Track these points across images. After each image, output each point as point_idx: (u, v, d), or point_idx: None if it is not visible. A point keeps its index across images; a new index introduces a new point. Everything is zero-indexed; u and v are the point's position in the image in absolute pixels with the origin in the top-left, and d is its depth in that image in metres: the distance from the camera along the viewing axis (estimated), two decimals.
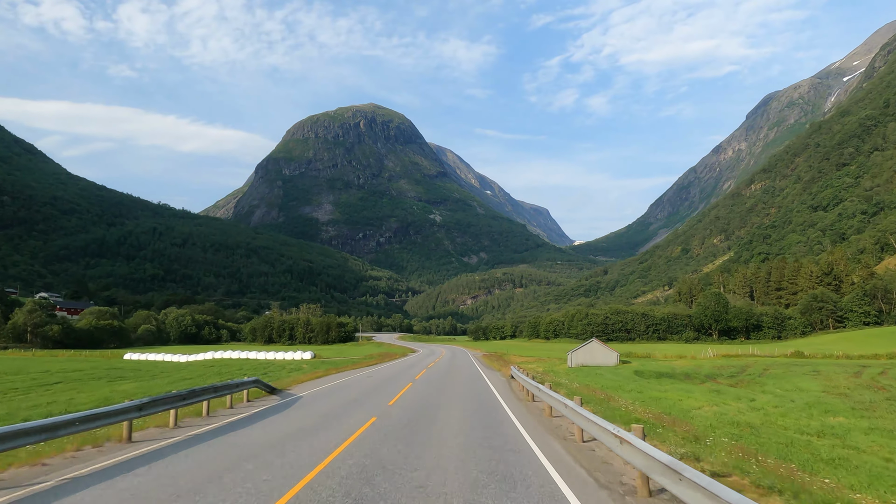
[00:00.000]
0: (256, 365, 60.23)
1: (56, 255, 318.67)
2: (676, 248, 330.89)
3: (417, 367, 46.39)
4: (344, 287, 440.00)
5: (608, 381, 35.01)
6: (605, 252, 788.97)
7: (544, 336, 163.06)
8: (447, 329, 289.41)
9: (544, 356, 68.26)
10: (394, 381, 30.59)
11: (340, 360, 63.07)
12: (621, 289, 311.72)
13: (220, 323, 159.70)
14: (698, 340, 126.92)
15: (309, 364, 56.18)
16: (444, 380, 31.95)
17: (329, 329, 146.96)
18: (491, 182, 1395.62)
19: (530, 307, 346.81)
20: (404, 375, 35.90)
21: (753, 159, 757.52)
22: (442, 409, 18.56)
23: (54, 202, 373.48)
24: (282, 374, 40.53)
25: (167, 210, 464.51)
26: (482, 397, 22.88)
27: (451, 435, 13.69)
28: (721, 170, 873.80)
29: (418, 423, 15.47)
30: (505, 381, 31.53)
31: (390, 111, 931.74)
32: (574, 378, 34.36)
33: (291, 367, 50.59)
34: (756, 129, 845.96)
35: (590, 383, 31.14)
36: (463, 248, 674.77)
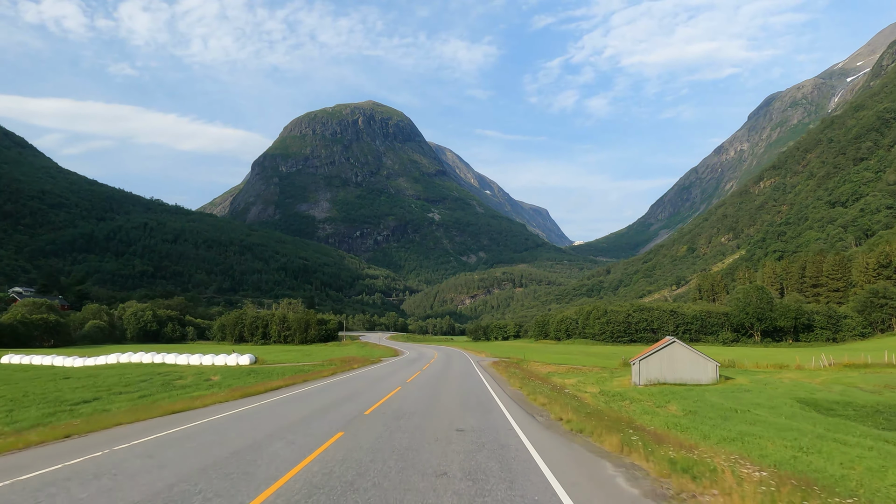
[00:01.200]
0: (153, 372, 45.45)
1: (42, 250, 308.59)
2: (682, 247, 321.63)
3: (388, 382, 33.35)
4: (340, 285, 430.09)
5: (789, 435, 19.09)
6: (605, 252, 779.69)
7: (554, 336, 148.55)
8: (445, 329, 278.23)
9: (574, 363, 53.04)
10: (314, 423, 17.55)
11: (284, 367, 49.87)
12: (625, 288, 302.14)
13: (187, 319, 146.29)
14: (738, 342, 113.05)
15: (234, 375, 42.05)
16: (423, 423, 17.74)
17: (308, 326, 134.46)
18: (490, 182, 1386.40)
19: (531, 307, 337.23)
20: (349, 406, 21.78)
21: (756, 159, 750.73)
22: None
23: (42, 196, 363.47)
24: (154, 393, 29.62)
25: (160, 206, 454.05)
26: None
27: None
28: (723, 170, 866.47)
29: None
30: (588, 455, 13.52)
31: (389, 108, 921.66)
32: (713, 427, 19.89)
33: (190, 384, 36.39)
34: (758, 129, 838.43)
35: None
36: (462, 247, 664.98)
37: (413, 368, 45.81)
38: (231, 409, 21.02)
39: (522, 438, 15.23)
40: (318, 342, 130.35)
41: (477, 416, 19.56)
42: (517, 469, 11.58)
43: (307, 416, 18.99)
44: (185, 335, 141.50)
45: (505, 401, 24.54)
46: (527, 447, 13.96)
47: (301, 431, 15.88)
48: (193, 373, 45.22)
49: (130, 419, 18.34)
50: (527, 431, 16.46)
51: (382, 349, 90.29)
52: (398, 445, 13.88)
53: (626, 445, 13.46)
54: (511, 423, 17.90)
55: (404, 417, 18.82)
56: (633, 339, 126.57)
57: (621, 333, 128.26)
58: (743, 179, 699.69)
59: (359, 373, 41.78)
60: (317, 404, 22.62)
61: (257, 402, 23.61)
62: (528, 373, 37.80)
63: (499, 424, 17.69)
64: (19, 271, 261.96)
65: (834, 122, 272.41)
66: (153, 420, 18.48)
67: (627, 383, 37.08)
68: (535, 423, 18.36)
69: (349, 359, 56.65)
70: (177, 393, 29.20)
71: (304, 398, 24.97)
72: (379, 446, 13.72)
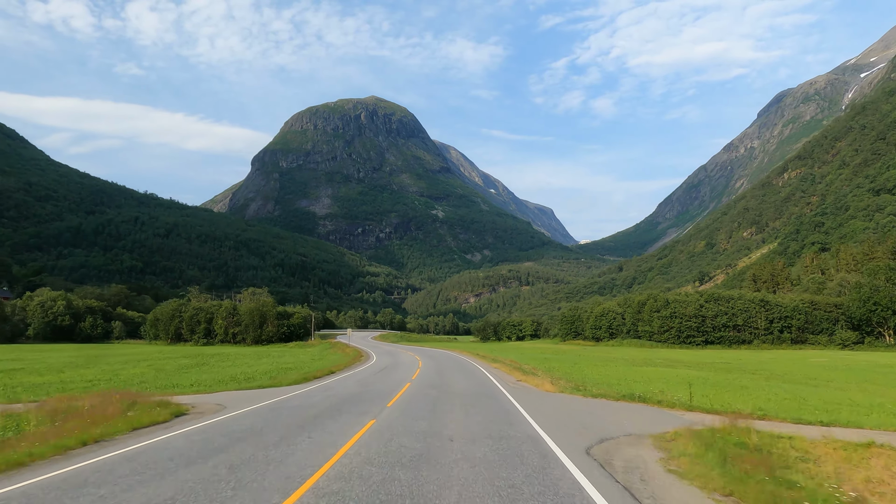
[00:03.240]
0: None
1: (25, 244, 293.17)
2: (700, 242, 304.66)
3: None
4: (339, 283, 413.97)
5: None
6: (612, 251, 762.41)
7: (592, 336, 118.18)
8: (448, 328, 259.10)
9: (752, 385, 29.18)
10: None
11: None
12: (639, 286, 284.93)
13: (116, 312, 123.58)
14: (862, 344, 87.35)
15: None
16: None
17: (263, 321, 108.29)
18: (495, 180, 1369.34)
19: (539, 305, 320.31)
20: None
21: (767, 156, 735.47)
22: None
23: (28, 188, 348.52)
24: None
25: (153, 200, 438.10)
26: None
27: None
28: (733, 168, 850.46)
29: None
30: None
31: (392, 104, 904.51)
32: None
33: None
34: (769, 126, 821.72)
35: None
36: (466, 244, 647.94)
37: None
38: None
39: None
40: (277, 342, 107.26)
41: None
42: None
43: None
44: (110, 332, 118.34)
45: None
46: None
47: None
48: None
49: None
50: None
51: (340, 355, 60.61)
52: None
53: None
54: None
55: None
56: (710, 339, 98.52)
57: (693, 332, 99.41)
58: (755, 176, 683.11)
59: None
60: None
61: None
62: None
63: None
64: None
65: (866, 108, 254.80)
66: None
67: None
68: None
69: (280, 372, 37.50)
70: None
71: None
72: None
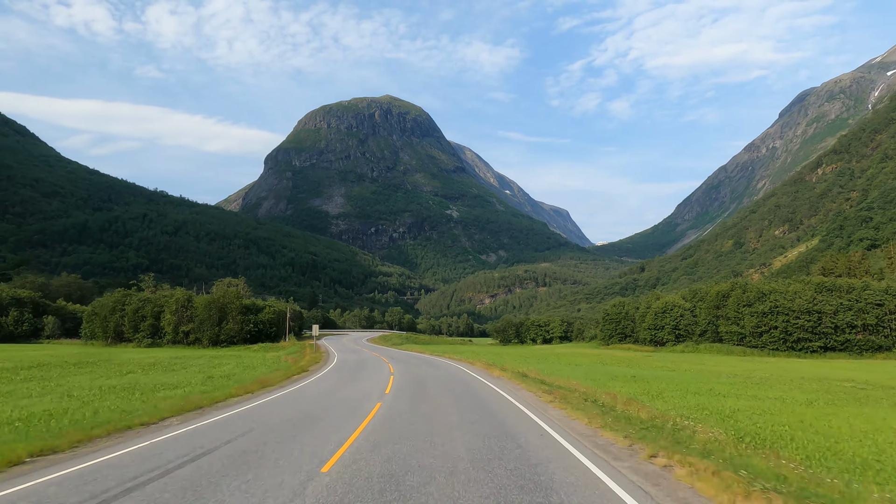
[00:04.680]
0: None
1: (29, 241, 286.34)
2: (727, 241, 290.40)
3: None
4: (350, 282, 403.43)
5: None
6: (630, 253, 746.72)
7: (649, 339, 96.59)
8: (462, 329, 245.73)
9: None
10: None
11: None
12: (664, 286, 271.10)
13: (55, 306, 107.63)
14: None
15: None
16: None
17: (223, 316, 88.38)
18: (510, 181, 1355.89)
19: (557, 307, 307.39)
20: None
21: (790, 156, 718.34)
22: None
23: (36, 184, 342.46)
24: None
25: (163, 197, 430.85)
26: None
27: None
28: (754, 168, 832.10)
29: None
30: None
31: (407, 103, 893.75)
32: None
33: None
34: (792, 125, 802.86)
35: None
36: (481, 245, 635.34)
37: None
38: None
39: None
40: (241, 342, 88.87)
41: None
42: None
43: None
44: (40, 329, 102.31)
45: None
46: None
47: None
48: None
49: None
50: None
51: (295, 368, 41.76)
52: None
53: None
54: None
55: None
56: (830, 344, 75.02)
57: (806, 334, 75.64)
58: (777, 176, 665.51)
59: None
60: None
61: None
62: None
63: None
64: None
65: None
66: None
67: None
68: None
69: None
70: None
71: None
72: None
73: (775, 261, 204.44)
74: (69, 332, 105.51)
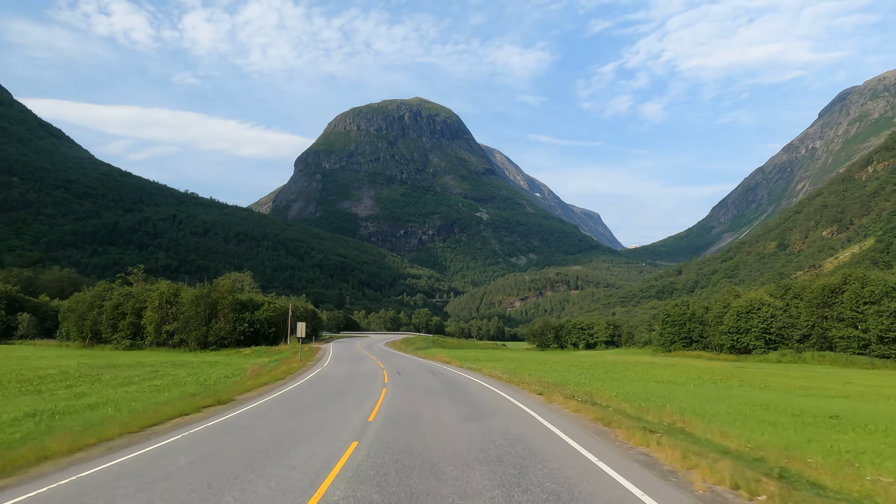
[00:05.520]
0: None
1: (60, 242, 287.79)
2: (769, 243, 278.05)
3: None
4: (379, 285, 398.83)
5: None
6: (663, 256, 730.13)
7: (728, 346, 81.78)
8: (493, 332, 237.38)
9: None
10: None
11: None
12: (703, 290, 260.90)
13: (37, 302, 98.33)
14: None
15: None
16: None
17: (212, 314, 75.94)
18: (540, 184, 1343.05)
19: (590, 310, 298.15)
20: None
21: (831, 156, 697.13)
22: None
23: (68, 185, 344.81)
24: None
25: (193, 199, 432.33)
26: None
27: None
28: (793, 169, 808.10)
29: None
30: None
31: (436, 105, 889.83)
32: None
33: None
34: (833, 125, 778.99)
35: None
36: (511, 247, 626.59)
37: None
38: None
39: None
40: (234, 344, 76.13)
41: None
42: None
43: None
44: (13, 328, 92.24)
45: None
46: None
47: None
48: None
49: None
50: None
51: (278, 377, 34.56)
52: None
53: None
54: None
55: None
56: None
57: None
58: (818, 177, 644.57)
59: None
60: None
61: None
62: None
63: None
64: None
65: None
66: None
67: None
68: None
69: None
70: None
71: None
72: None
73: (826, 262, 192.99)
74: (48, 332, 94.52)
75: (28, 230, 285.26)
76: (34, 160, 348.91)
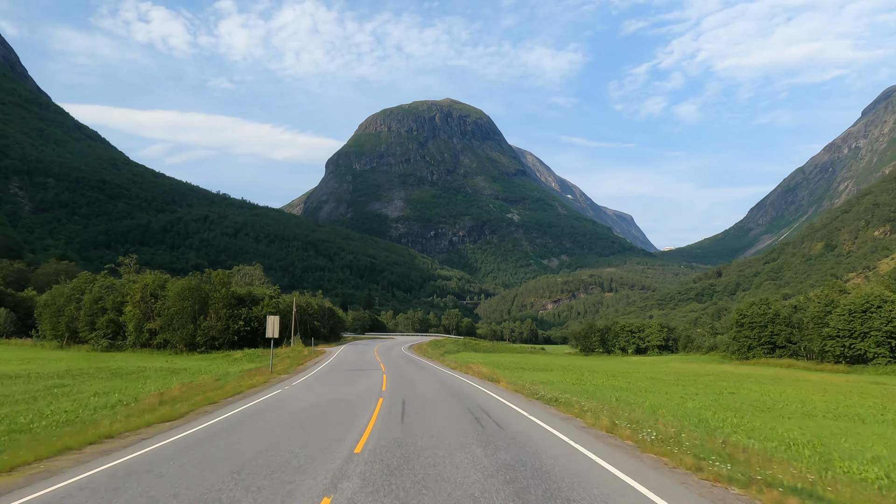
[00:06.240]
0: None
1: (93, 242, 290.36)
2: (815, 244, 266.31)
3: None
4: (409, 286, 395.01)
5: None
6: (699, 259, 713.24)
7: (837, 355, 69.10)
8: (526, 335, 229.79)
9: None
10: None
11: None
12: (745, 292, 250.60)
13: (20, 296, 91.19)
14: None
15: None
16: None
17: (203, 310, 66.69)
18: (572, 186, 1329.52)
19: (626, 313, 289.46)
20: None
21: (876, 156, 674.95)
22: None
23: (102, 186, 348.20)
24: None
25: (225, 199, 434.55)
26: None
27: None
28: (835, 169, 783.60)
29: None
30: None
31: (468, 106, 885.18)
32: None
33: None
34: (878, 123, 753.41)
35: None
36: (542, 249, 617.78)
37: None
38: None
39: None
40: (227, 346, 66.14)
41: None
42: None
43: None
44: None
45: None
46: None
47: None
48: None
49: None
50: None
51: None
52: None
53: None
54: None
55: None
56: None
57: None
58: (862, 177, 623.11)
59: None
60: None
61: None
62: None
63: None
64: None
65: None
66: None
67: None
68: None
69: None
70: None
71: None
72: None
73: (880, 263, 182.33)
74: (25, 330, 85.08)
75: (62, 230, 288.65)
76: (69, 161, 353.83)
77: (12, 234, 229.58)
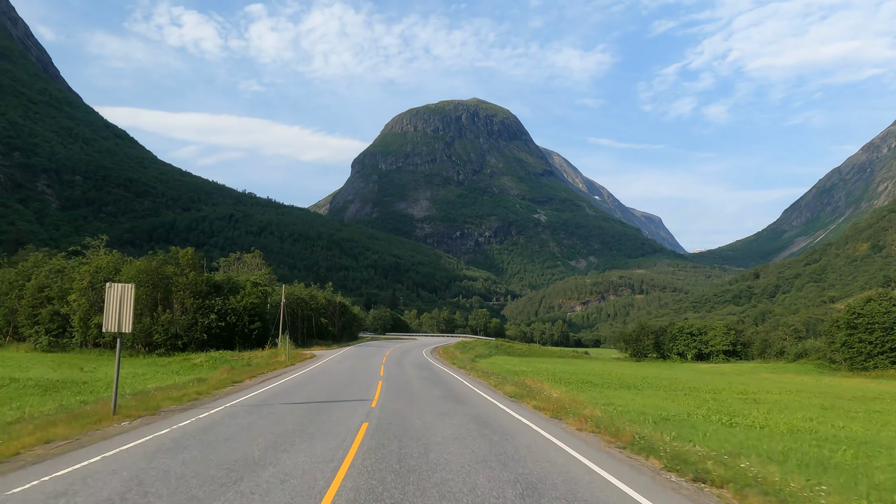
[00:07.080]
0: None
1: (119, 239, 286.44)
2: (861, 244, 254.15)
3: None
4: (434, 286, 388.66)
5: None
6: (731, 261, 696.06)
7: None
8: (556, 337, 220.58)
9: None
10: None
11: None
12: (785, 295, 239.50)
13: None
14: None
15: None
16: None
17: (166, 299, 52.96)
18: (599, 187, 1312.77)
19: (659, 316, 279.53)
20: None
21: None
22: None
23: (129, 184, 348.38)
24: None
25: (250, 198, 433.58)
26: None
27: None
28: (873, 169, 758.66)
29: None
30: None
31: (494, 106, 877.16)
32: None
33: None
34: None
35: None
36: (570, 250, 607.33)
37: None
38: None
39: None
40: (194, 347, 51.77)
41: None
42: None
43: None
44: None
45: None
46: None
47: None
48: None
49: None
50: None
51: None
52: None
53: None
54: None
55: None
56: None
57: None
58: None
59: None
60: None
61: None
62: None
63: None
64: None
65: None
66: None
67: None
68: None
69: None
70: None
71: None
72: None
73: None
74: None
75: (87, 227, 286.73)
76: (97, 159, 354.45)
77: (38, 231, 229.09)
